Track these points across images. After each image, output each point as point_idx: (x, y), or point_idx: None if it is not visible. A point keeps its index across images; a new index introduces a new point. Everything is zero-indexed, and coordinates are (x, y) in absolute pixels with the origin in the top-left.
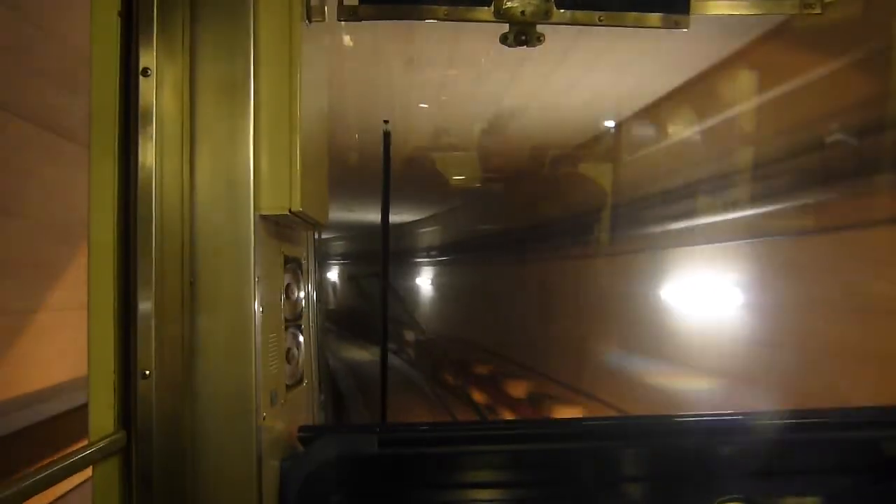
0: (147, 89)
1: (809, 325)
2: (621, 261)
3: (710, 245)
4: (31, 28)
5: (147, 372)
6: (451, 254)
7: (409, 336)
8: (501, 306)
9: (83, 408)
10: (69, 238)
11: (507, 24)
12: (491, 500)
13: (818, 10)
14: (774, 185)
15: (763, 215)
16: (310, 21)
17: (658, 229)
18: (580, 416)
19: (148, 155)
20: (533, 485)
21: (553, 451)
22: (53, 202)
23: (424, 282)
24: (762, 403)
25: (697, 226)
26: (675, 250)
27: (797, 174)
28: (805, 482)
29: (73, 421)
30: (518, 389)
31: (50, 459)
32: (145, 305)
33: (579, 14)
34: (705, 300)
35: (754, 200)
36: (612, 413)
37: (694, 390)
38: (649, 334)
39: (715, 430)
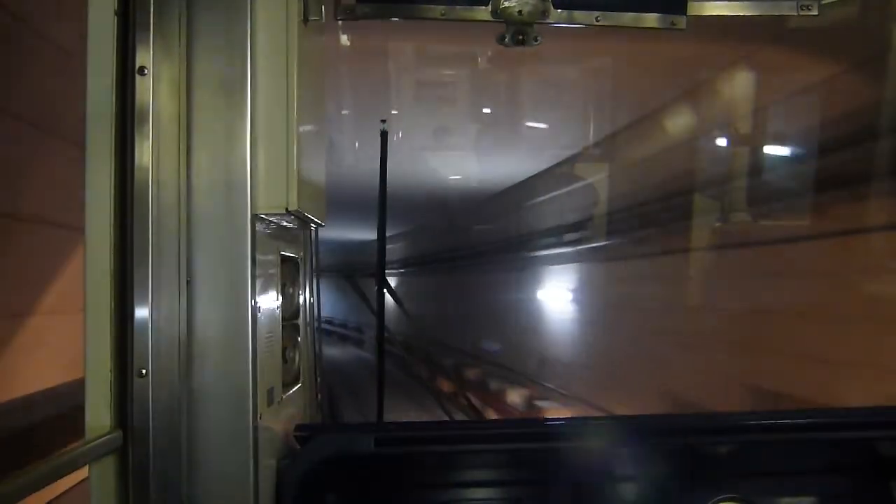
0: (143, 88)
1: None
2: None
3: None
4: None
5: (144, 371)
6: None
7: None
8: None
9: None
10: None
11: (505, 24)
12: (487, 499)
13: (815, 12)
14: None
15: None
16: (307, 20)
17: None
18: (578, 415)
19: (144, 154)
20: (529, 484)
21: (550, 450)
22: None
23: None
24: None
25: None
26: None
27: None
28: (801, 482)
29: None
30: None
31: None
32: (142, 304)
33: (576, 14)
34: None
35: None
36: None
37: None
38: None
39: (712, 430)
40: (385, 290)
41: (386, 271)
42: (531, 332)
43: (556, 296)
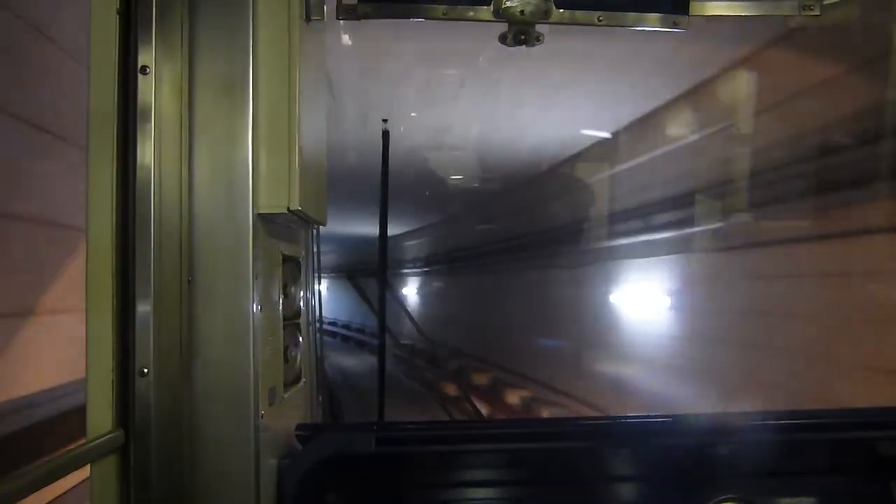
0: (146, 87)
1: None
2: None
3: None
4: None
5: (145, 370)
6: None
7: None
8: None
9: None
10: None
11: (507, 24)
12: (488, 499)
13: (817, 12)
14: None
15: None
16: (308, 19)
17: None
18: (577, 416)
19: (146, 153)
20: (530, 484)
21: (550, 450)
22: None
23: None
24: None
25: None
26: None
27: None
28: (801, 482)
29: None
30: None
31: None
32: (143, 304)
33: (579, 14)
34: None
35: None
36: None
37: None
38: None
39: (712, 430)
40: (387, 292)
41: (412, 271)
42: (605, 349)
43: (644, 299)
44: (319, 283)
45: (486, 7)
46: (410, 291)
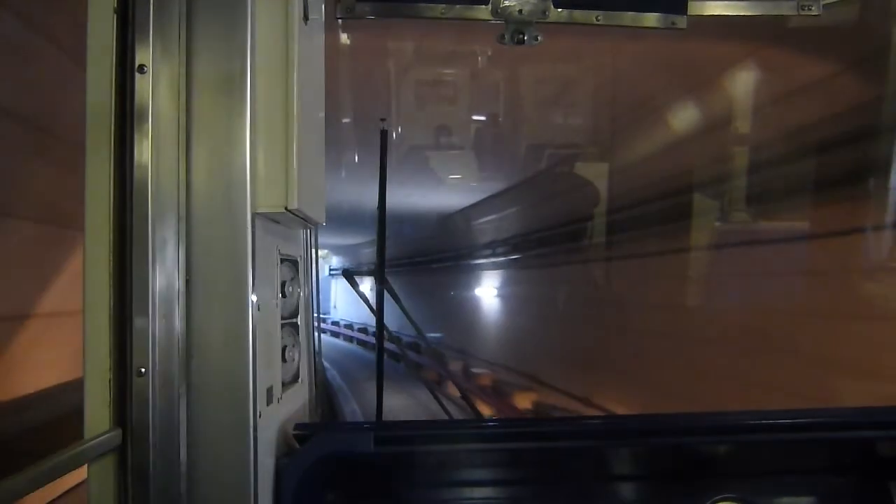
0: (143, 86)
1: None
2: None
3: None
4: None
5: (143, 370)
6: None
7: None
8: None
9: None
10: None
11: (505, 23)
12: (487, 499)
13: (816, 12)
14: None
15: None
16: (307, 18)
17: None
18: (578, 416)
19: (144, 152)
20: (529, 483)
21: (549, 449)
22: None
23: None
24: None
25: None
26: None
27: None
28: (801, 482)
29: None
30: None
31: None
32: (141, 303)
33: (577, 14)
34: None
35: None
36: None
37: None
38: None
39: (710, 430)
40: (386, 290)
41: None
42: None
43: None
44: (318, 283)
45: (484, 6)
46: (495, 291)
